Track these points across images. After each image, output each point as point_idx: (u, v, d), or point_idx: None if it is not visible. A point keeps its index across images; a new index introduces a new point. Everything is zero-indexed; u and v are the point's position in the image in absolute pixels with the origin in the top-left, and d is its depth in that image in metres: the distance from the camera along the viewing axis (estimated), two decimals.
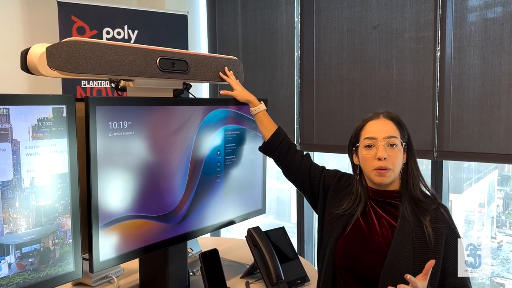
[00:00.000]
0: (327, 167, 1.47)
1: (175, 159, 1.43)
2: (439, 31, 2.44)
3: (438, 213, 1.22)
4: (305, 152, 1.52)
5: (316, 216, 1.50)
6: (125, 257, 1.30)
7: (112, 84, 1.46)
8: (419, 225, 1.19)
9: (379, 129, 1.24)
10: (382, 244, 1.22)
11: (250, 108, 1.57)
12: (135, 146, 1.29)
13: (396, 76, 2.61)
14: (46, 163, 1.07)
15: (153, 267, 1.55)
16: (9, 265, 1.01)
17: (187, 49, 3.09)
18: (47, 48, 1.16)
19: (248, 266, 1.72)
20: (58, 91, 2.72)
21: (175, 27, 3.09)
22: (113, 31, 2.90)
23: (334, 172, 1.44)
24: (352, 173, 1.42)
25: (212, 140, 1.56)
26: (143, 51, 1.36)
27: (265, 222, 3.35)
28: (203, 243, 1.99)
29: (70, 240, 1.13)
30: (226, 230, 3.36)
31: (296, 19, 3.04)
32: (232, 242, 2.08)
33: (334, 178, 1.40)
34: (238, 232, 3.09)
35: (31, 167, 1.04)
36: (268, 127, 1.55)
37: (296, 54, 3.05)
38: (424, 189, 1.27)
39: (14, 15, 2.78)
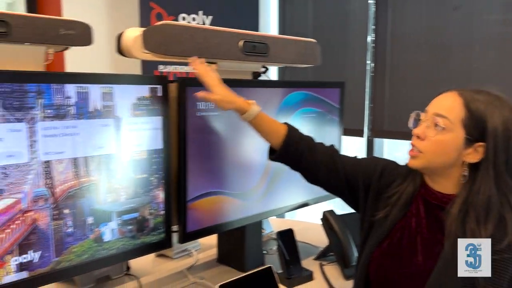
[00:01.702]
0: (397, 156, 1.24)
1: (255, 140, 1.46)
2: None
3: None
4: (328, 144, 1.21)
5: None
6: (208, 231, 1.38)
7: None
8: None
9: (437, 103, 1.00)
10: (423, 267, 0.99)
11: (241, 116, 1.16)
12: (220, 125, 1.35)
13: (478, 62, 2.46)
14: (143, 138, 1.15)
15: (231, 243, 1.61)
16: (112, 230, 1.11)
17: (257, 31, 3.12)
18: (143, 32, 1.23)
19: (320, 249, 1.74)
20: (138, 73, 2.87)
21: (247, 11, 3.13)
22: (189, 16, 2.99)
23: (373, 164, 1.14)
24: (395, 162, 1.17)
25: (290, 122, 1.58)
26: (227, 34, 1.40)
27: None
28: (274, 224, 2.04)
29: (163, 212, 1.21)
30: (290, 214, 3.39)
31: (370, 1, 2.96)
32: (302, 225, 2.11)
33: (375, 173, 1.12)
34: (301, 216, 3.10)
35: (130, 142, 1.12)
36: (274, 130, 1.17)
37: (369, 38, 2.97)
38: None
39: (98, 1, 2.97)
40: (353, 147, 3.03)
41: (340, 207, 1.86)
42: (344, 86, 1.74)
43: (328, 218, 1.62)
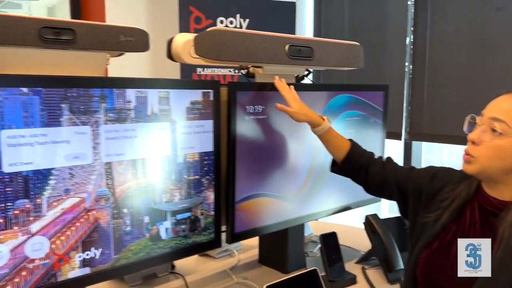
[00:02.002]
0: (428, 160, 1.23)
1: (300, 143, 1.48)
2: None
3: None
4: (384, 157, 1.29)
5: None
6: (255, 232, 1.40)
7: (242, 71, 1.55)
8: None
9: (494, 105, 0.97)
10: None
11: (312, 129, 1.27)
12: (267, 129, 1.37)
13: None
14: (197, 141, 1.19)
15: (272, 244, 1.64)
16: (166, 229, 1.15)
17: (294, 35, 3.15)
18: (195, 37, 1.27)
19: (361, 252, 1.74)
20: (177, 77, 2.93)
21: (283, 14, 3.15)
22: (226, 20, 3.04)
23: (425, 170, 1.17)
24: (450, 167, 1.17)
25: (334, 125, 1.58)
26: (274, 38, 1.42)
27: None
28: (312, 226, 2.04)
29: (213, 212, 1.25)
30: (325, 218, 3.38)
31: (409, 2, 2.92)
32: (339, 228, 2.10)
33: (426, 178, 1.13)
34: (334, 219, 3.09)
35: (184, 144, 1.16)
36: (339, 145, 1.27)
37: (408, 39, 2.93)
38: None
39: (138, 7, 3.06)
40: (390, 150, 3.00)
41: (375, 210, 1.85)
42: (387, 89, 1.74)
43: (371, 222, 1.61)
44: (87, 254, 1.02)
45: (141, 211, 1.10)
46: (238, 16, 3.07)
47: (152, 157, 1.11)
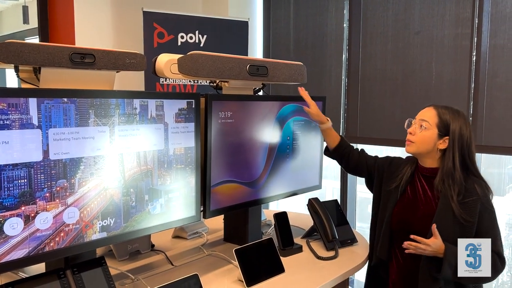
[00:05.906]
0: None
1: (259, 140, 1.89)
2: (476, 38, 2.78)
3: (471, 187, 1.52)
4: (360, 149, 1.92)
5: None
6: (224, 210, 1.78)
7: (212, 84, 1.93)
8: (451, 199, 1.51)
9: (421, 113, 1.63)
10: (426, 212, 1.58)
11: (320, 125, 1.91)
12: (234, 130, 1.77)
13: (436, 76, 2.97)
14: (182, 139, 1.56)
15: (235, 224, 2.02)
16: (161, 205, 1.51)
17: (247, 50, 3.57)
18: (178, 59, 1.64)
19: (305, 230, 2.17)
20: (141, 85, 3.23)
21: (237, 31, 3.56)
22: (187, 35, 3.40)
23: (386, 158, 1.82)
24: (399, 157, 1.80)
25: (284, 128, 2.01)
26: (238, 60, 1.82)
27: None
28: (266, 213, 2.45)
29: (194, 193, 1.62)
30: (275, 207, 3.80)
31: (344, 25, 3.44)
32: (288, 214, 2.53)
33: (386, 163, 1.78)
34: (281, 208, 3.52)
35: (174, 141, 1.53)
36: (334, 138, 1.92)
37: (344, 56, 3.45)
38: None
39: (106, 22, 3.33)
40: None
41: (315, 195, 2.29)
42: (325, 99, 2.19)
43: (313, 204, 2.05)
44: (105, 222, 1.36)
45: (143, 191, 1.45)
46: (197, 32, 3.44)
47: (151, 150, 1.47)
